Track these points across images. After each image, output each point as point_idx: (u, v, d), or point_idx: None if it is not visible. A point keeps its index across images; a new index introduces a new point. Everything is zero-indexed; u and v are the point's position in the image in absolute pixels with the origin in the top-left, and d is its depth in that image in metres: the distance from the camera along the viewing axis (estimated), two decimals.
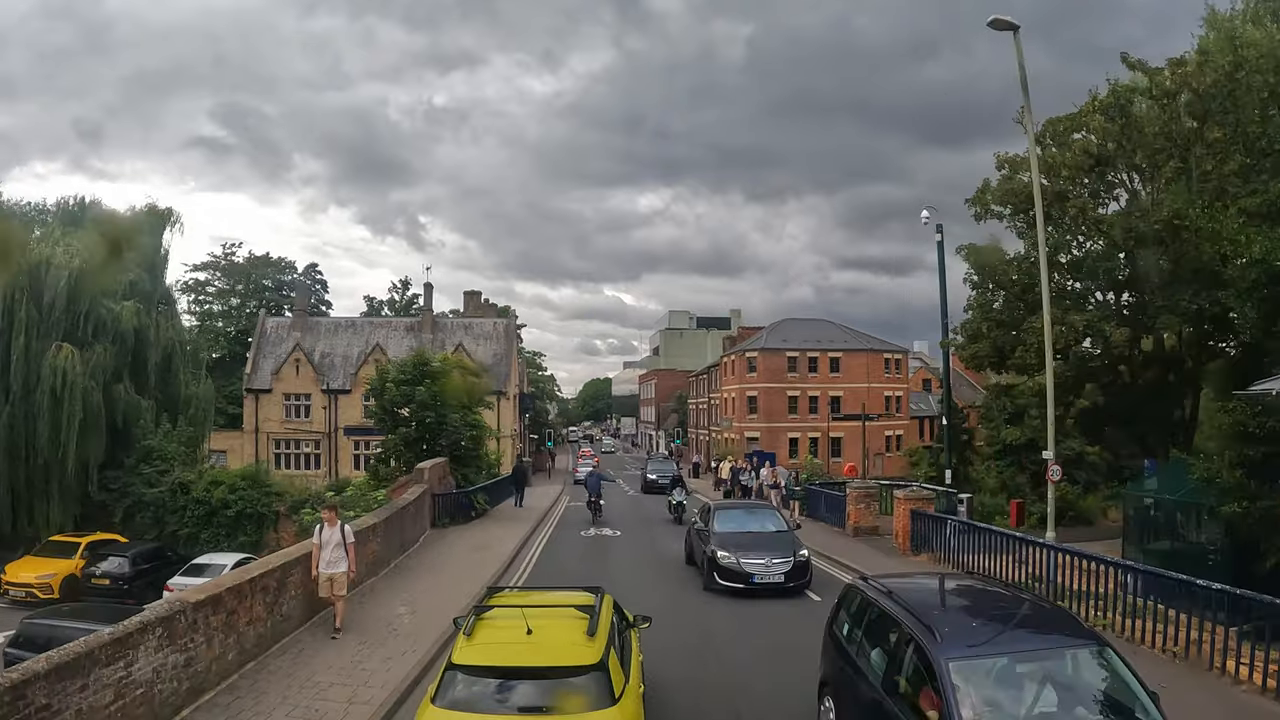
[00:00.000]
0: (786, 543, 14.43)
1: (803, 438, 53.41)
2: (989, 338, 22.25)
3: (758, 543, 14.28)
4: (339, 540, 10.33)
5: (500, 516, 25.00)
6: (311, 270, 66.18)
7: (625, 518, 26.06)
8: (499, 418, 44.57)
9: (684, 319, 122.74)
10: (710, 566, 13.97)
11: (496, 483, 28.78)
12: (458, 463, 23.80)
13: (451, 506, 21.93)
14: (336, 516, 10.68)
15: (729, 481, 31.43)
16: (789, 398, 53.36)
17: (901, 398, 58.06)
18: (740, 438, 53.33)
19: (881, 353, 56.61)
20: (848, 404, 54.20)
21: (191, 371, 33.75)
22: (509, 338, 47.43)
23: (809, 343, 55.01)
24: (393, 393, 23.74)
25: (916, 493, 18.38)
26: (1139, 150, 22.15)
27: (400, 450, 23.88)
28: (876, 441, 55.89)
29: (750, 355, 53.93)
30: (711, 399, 64.17)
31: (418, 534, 18.68)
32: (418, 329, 48.11)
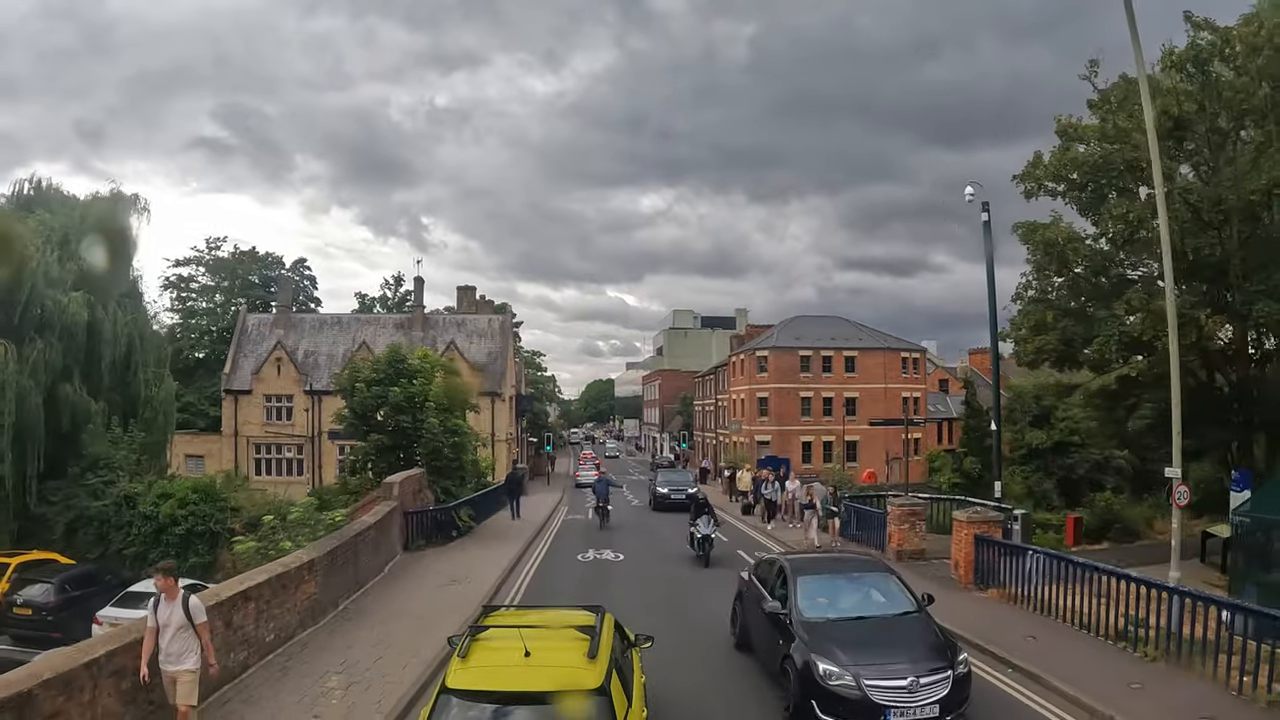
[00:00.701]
0: (926, 635, 8.47)
1: (816, 441, 50.33)
2: (1056, 329, 19.17)
3: (881, 637, 8.37)
4: (182, 622, 7.07)
5: (487, 534, 22.00)
6: (299, 266, 63.34)
7: (631, 539, 22.73)
8: (493, 420, 41.62)
9: (688, 318, 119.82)
10: (805, 688, 7.80)
11: (486, 494, 25.81)
12: (437, 474, 20.82)
13: (428, 526, 18.95)
14: (176, 586, 7.23)
15: (750, 494, 28.18)
16: (802, 399, 50.28)
17: (920, 399, 54.94)
18: (750, 441, 50.27)
19: (899, 351, 53.53)
20: (864, 406, 51.19)
21: (154, 370, 30.78)
22: (505, 335, 44.45)
23: (822, 341, 51.94)
24: (363, 394, 20.77)
25: (981, 514, 15.29)
26: (1223, 112, 19.14)
27: (372, 459, 20.90)
28: (894, 445, 52.84)
29: (761, 354, 50.87)
30: (719, 400, 61.12)
31: (383, 562, 15.68)
32: (408, 326, 45.15)
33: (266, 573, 9.91)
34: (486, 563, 17.25)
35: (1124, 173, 18.96)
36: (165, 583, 7.17)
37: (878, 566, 10.29)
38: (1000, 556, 14.21)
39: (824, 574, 9.69)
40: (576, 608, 7.64)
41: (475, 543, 20.14)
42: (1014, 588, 13.69)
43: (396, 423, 20.51)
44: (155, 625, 7.02)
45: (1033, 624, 12.22)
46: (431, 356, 23.01)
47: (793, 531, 22.37)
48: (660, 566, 17.87)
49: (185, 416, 49.15)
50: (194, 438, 45.83)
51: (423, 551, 18.15)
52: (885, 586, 9.36)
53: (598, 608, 7.18)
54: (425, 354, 23.02)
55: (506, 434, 42.11)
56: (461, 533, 20.34)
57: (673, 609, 13.39)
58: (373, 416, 20.88)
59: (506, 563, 17.38)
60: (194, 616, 7.08)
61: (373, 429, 21.16)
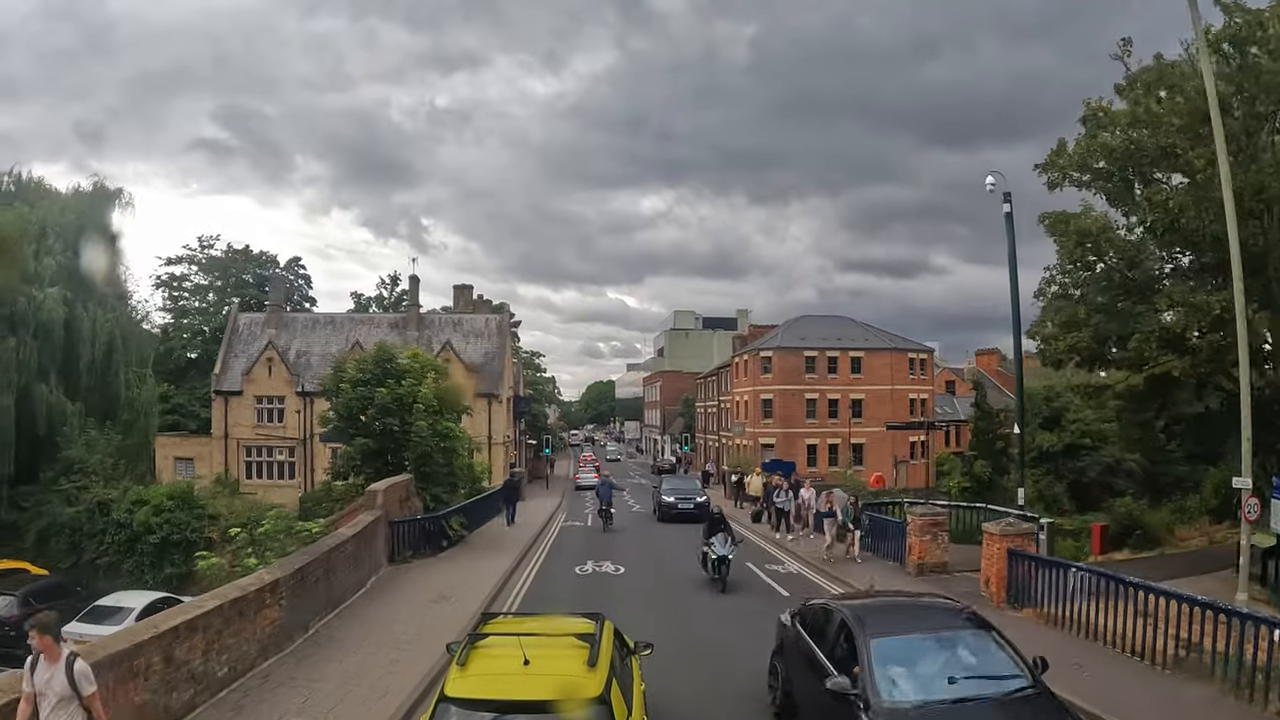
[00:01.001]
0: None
1: (821, 444, 49.13)
2: (1089, 325, 17.93)
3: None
4: (65, 690, 5.56)
5: (481, 543, 20.80)
6: (294, 264, 62.24)
7: (634, 550, 21.41)
8: (490, 422, 40.44)
9: (689, 319, 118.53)
10: None
11: (480, 500, 24.64)
12: (426, 480, 19.62)
13: (416, 536, 17.74)
14: (57, 646, 5.71)
15: (761, 501, 26.67)
16: (807, 401, 49.09)
17: (927, 400, 53.77)
18: (754, 444, 49.07)
19: (905, 352, 52.36)
20: (870, 407, 50.05)
21: (136, 371, 29.61)
22: (502, 335, 43.28)
23: (828, 341, 50.74)
24: (348, 394, 19.57)
25: (1015, 526, 14.05)
26: (1261, 95, 17.95)
27: (357, 464, 19.71)
28: (901, 448, 51.65)
29: (765, 355, 49.68)
30: (721, 402, 59.94)
31: (364, 576, 14.49)
32: (402, 326, 43.97)
33: (219, 598, 8.72)
34: (477, 576, 16.05)
35: (1157, 159, 17.77)
36: (43, 641, 5.68)
37: (968, 619, 7.50)
38: (1036, 572, 13.01)
39: (903, 632, 6.99)
40: (576, 615, 7.58)
41: (467, 553, 18.93)
42: (1052, 607, 12.49)
43: (384, 425, 19.31)
44: (32, 690, 5.66)
45: (1078, 649, 11.01)
46: (422, 356, 21.82)
47: (808, 543, 21.08)
48: (668, 588, 16.08)
49: (176, 418, 48.12)
50: (183, 440, 44.67)
51: (409, 564, 16.94)
52: (984, 648, 6.84)
53: (597, 615, 7.08)
54: (416, 353, 21.84)
55: (504, 436, 40.93)
56: (452, 542, 19.14)
57: (690, 647, 11.22)
58: (359, 419, 19.68)
59: (499, 576, 16.17)
60: (80, 686, 5.64)
61: (359, 432, 19.96)
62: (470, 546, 20.07)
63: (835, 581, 16.36)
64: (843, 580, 16.30)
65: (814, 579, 17.02)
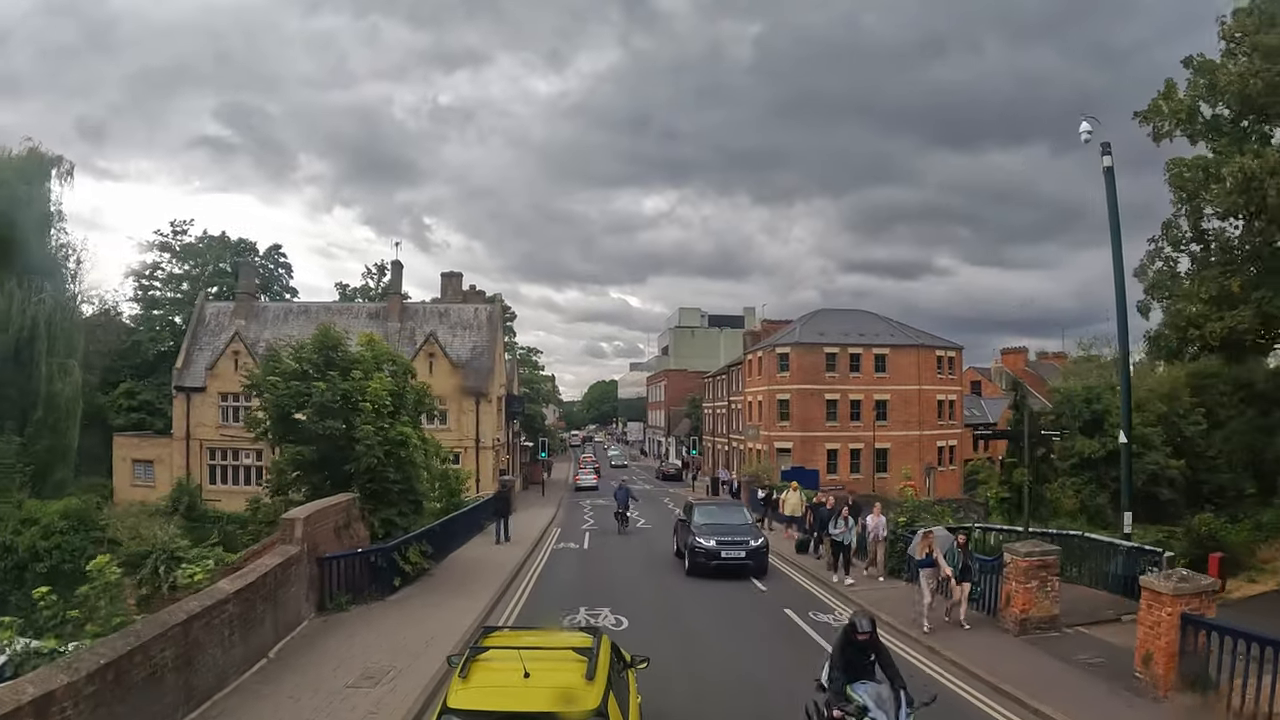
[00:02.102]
0: None
1: (843, 449, 44.92)
2: (1250, 301, 13.71)
3: None
4: None
5: (449, 577, 16.71)
6: (274, 252, 58.07)
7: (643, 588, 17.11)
8: (478, 424, 36.35)
9: (695, 316, 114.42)
10: None
11: (454, 520, 20.57)
12: (375, 501, 15.49)
13: (358, 574, 13.64)
14: None
15: (808, 526, 21.00)
16: (827, 401, 44.87)
17: (956, 402, 49.58)
18: (769, 448, 44.90)
19: (933, 349, 48.13)
20: (895, 409, 45.88)
21: (60, 363, 25.55)
22: (493, 328, 39.16)
23: (850, 337, 46.53)
24: (280, 389, 15.46)
25: (1191, 582, 9.73)
26: None
27: (294, 478, 15.61)
28: (929, 453, 47.51)
29: (781, 351, 45.49)
30: (732, 403, 55.78)
31: (266, 641, 10.38)
32: (383, 316, 39.88)
33: None
34: (430, 633, 11.93)
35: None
36: None
37: None
38: (1224, 646, 8.85)
39: None
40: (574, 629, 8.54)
41: (426, 594, 14.82)
42: (1248, 700, 8.39)
43: (326, 429, 15.19)
44: None
45: None
46: (379, 343, 17.67)
47: (877, 589, 16.24)
48: (700, 665, 10.95)
49: (142, 416, 44.11)
50: (142, 441, 40.68)
51: (345, 613, 12.85)
52: None
53: (595, 629, 7.55)
54: (371, 339, 17.70)
55: (493, 439, 36.84)
56: (409, 579, 15.03)
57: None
58: (294, 420, 15.58)
59: (459, 633, 12.03)
60: None
61: (297, 438, 15.86)
62: (434, 583, 15.96)
63: (937, 659, 11.53)
64: (948, 656, 11.47)
65: (904, 651, 11.77)
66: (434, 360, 36.80)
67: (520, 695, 5.67)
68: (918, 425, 46.46)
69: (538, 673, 5.85)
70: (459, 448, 36.09)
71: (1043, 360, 71.56)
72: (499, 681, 5.88)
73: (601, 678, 5.98)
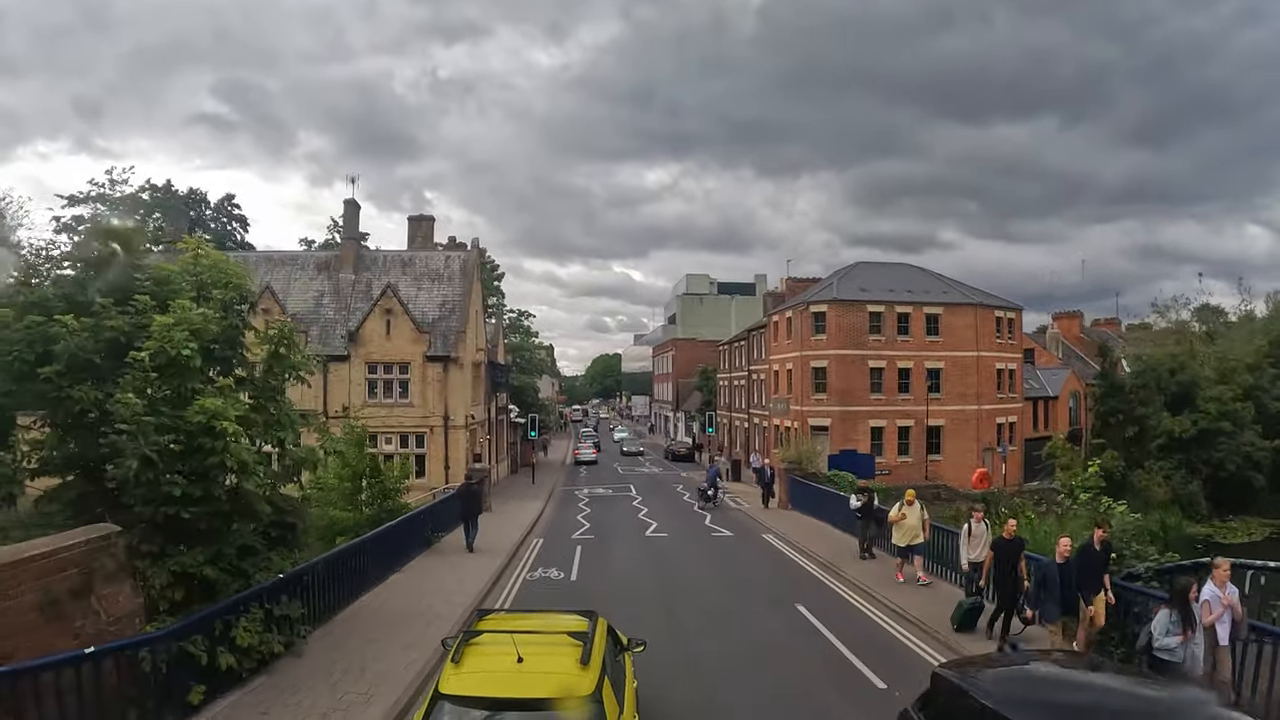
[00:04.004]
0: None
1: (889, 426, 37.76)
2: None
3: None
4: None
5: (325, 658, 9.73)
6: (227, 203, 50.79)
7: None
8: (446, 397, 29.26)
9: (703, 283, 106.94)
10: None
11: (373, 540, 13.61)
12: (163, 536, 8.32)
13: (102, 695, 6.57)
14: None
15: (982, 583, 11.81)
16: (872, 370, 37.64)
17: (1016, 371, 42.27)
18: (801, 425, 37.81)
19: (992, 308, 40.70)
20: (950, 379, 38.66)
21: None
22: (467, 279, 31.91)
23: (896, 294, 39.15)
24: (14, 333, 8.35)
25: None
26: None
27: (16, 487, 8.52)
28: (987, 432, 40.37)
29: (817, 309, 38.13)
30: (752, 373, 48.58)
31: None
32: (333, 267, 32.66)
33: None
34: None
35: None
36: None
37: None
38: None
39: None
40: (570, 612, 7.52)
41: (268, 701, 7.84)
42: None
43: (69, 401, 8.11)
44: None
45: None
46: (210, 256, 10.37)
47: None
48: None
49: None
50: None
51: None
52: None
53: (591, 613, 7.15)
54: (199, 247, 10.40)
55: (467, 416, 29.79)
56: (232, 679, 8.01)
57: None
58: (37, 380, 8.47)
59: None
60: None
61: (42, 415, 8.79)
62: (294, 673, 8.98)
63: None
64: None
65: None
66: (392, 318, 29.67)
67: (513, 681, 5.61)
68: (975, 398, 39.26)
69: (532, 658, 5.81)
70: (423, 427, 29.09)
71: (1095, 327, 64.27)
72: (492, 667, 5.83)
73: (596, 663, 5.91)
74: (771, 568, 16.83)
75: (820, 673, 9.94)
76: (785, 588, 14.66)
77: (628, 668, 7.05)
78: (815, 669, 10.09)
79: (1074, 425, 49.65)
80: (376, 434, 29.11)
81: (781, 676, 9.80)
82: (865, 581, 14.70)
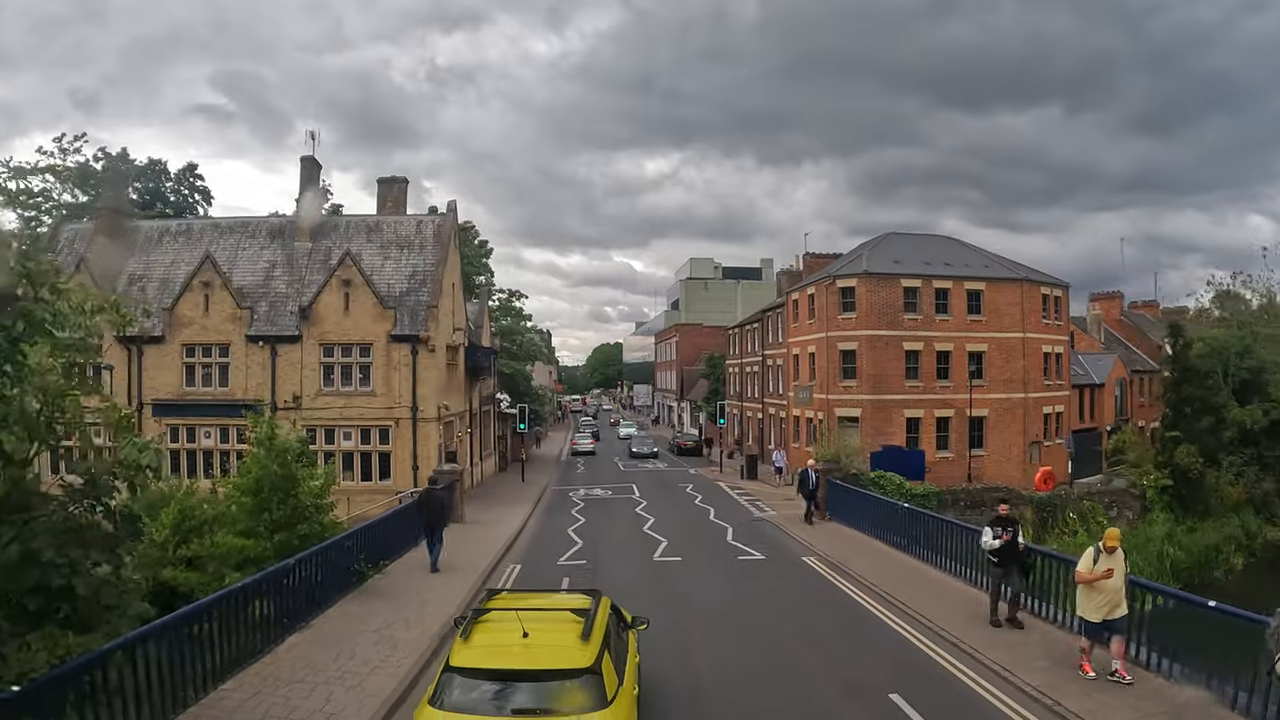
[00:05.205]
0: None
1: (926, 417, 33.23)
2: None
3: None
4: None
5: None
6: (188, 173, 46.16)
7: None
8: (415, 384, 24.81)
9: (708, 267, 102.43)
10: None
11: (201, 612, 9.18)
12: None
13: None
14: None
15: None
16: (907, 353, 33.12)
17: (1063, 356, 37.72)
18: (827, 416, 33.35)
19: (1037, 284, 36.15)
20: (994, 364, 34.14)
21: None
22: (441, 246, 27.34)
23: (933, 267, 34.60)
24: None
25: None
26: None
27: None
28: (1034, 423, 35.88)
29: (845, 284, 33.54)
30: (767, 358, 44.05)
31: None
32: (287, 233, 28.13)
33: None
34: None
35: None
36: None
37: None
38: None
39: None
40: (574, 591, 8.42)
41: None
42: None
43: None
44: None
45: None
46: None
47: None
48: None
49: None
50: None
51: None
52: None
53: (594, 591, 7.58)
54: None
55: (439, 408, 25.29)
56: None
57: None
58: None
59: None
60: None
61: None
62: None
63: None
64: None
65: None
66: (351, 291, 25.16)
67: (518, 654, 5.99)
68: (1022, 386, 34.74)
69: (536, 633, 6.17)
70: (387, 420, 24.62)
71: (1133, 310, 59.67)
72: (498, 641, 6.21)
73: (597, 638, 6.26)
74: (833, 618, 12.17)
75: None
76: (863, 658, 10.14)
77: (631, 644, 7.45)
78: None
79: (1121, 415, 45.17)
80: (333, 428, 24.77)
81: None
82: (1011, 667, 9.28)
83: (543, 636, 6.14)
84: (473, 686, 5.77)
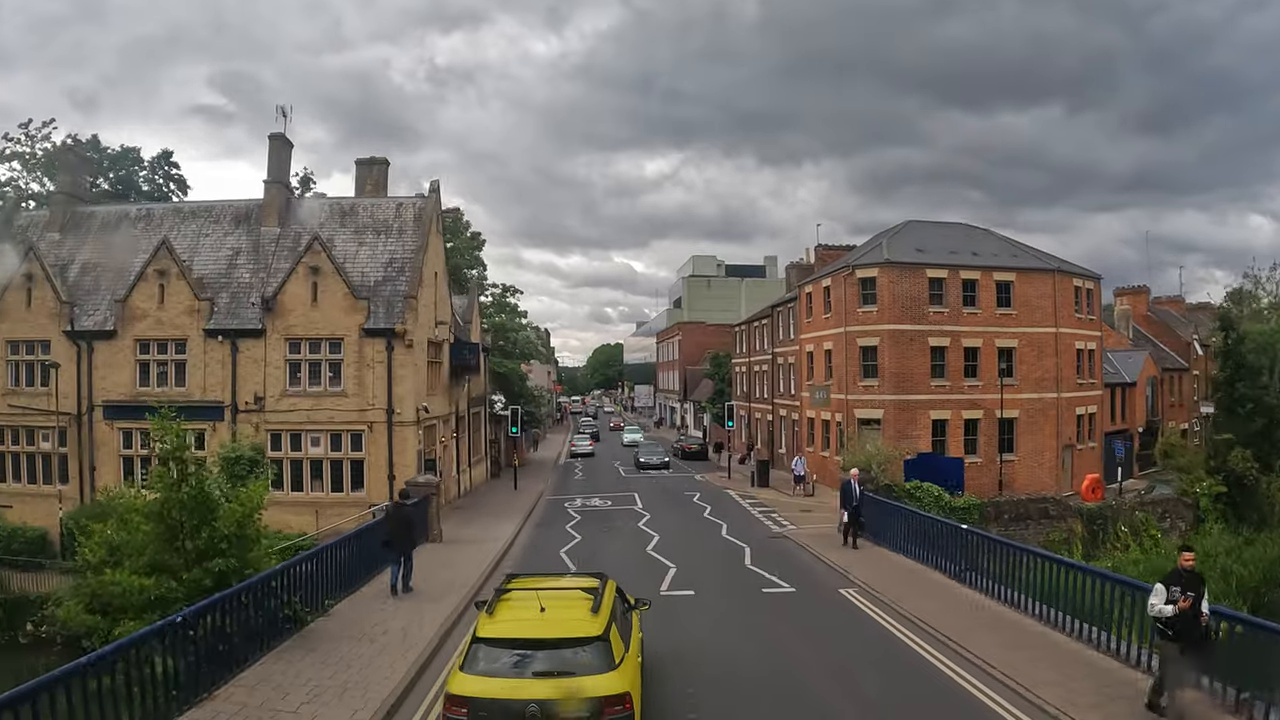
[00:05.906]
0: None
1: (954, 418, 30.58)
2: None
3: None
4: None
5: None
6: (163, 160, 43.52)
7: None
8: (390, 385, 22.22)
9: (710, 265, 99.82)
10: None
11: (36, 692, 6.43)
12: None
13: None
14: None
15: None
16: (933, 349, 30.47)
17: (1095, 353, 35.08)
18: (846, 418, 30.73)
19: (1070, 276, 33.52)
20: (1025, 361, 31.51)
21: None
22: (421, 231, 24.72)
23: (959, 256, 31.98)
24: None
25: None
26: None
27: None
28: (1067, 425, 33.22)
29: (865, 274, 30.90)
30: (778, 356, 41.41)
31: None
32: (254, 218, 25.53)
33: None
34: None
35: None
36: None
37: None
38: None
39: None
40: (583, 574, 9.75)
41: None
42: None
43: None
44: None
45: None
46: None
47: None
48: None
49: None
50: None
51: None
52: None
53: (601, 574, 8.35)
54: None
55: (418, 409, 22.65)
56: None
57: None
58: None
59: None
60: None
61: None
62: None
63: None
64: None
65: None
66: (320, 280, 22.58)
67: (536, 626, 6.82)
68: (1054, 385, 32.10)
69: (552, 608, 7.04)
70: (359, 424, 22.02)
71: (1157, 305, 57.07)
72: (519, 615, 7.11)
73: (605, 612, 7.11)
74: (903, 687, 9.13)
75: None
76: None
77: (635, 621, 8.18)
78: None
79: (1152, 416, 42.55)
80: (299, 433, 22.16)
81: None
82: None
83: (557, 611, 7.01)
84: (498, 655, 6.60)
